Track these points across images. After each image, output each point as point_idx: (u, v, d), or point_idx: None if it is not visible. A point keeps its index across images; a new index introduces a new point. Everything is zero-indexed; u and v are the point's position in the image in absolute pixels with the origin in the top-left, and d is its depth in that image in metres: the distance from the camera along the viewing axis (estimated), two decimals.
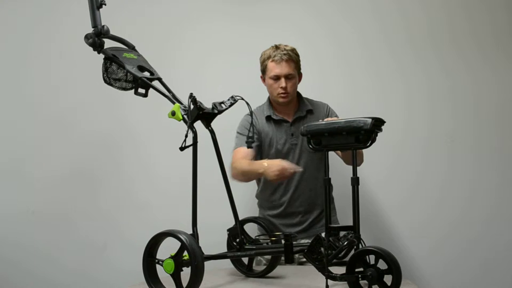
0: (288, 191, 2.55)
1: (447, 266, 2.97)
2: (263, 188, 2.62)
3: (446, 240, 2.98)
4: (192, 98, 1.93)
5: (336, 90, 3.06)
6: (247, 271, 2.21)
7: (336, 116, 2.59)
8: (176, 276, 1.80)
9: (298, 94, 2.67)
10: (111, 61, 2.10)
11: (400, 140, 2.99)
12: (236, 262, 2.25)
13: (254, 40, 2.90)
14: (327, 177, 1.87)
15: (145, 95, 2.10)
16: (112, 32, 2.15)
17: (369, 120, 1.76)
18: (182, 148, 1.89)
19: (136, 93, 2.09)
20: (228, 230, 2.15)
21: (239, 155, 2.49)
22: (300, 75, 2.62)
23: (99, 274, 3.04)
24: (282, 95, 2.52)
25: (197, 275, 1.73)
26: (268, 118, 2.58)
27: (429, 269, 2.98)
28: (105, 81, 2.13)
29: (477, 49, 3.04)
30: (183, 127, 1.95)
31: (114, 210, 3.07)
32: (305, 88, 2.96)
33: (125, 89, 2.14)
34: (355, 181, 1.80)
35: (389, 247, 1.69)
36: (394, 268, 1.60)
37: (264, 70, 2.58)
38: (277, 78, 2.51)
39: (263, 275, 2.16)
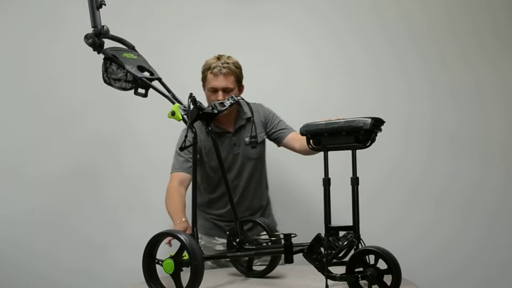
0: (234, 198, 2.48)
1: (449, 267, 2.97)
2: (206, 197, 2.64)
3: (447, 241, 2.97)
4: (192, 98, 1.93)
5: (337, 90, 3.06)
6: (247, 271, 2.21)
7: (274, 116, 2.63)
8: (176, 276, 1.80)
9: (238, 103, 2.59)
10: (111, 61, 2.09)
11: (402, 139, 3.00)
12: (236, 262, 2.25)
13: (255, 40, 2.90)
14: (326, 177, 1.87)
15: (145, 95, 2.10)
16: (112, 32, 2.14)
17: (369, 120, 1.76)
18: (182, 148, 1.89)
19: (136, 93, 2.09)
20: (228, 230, 2.15)
21: (176, 181, 2.49)
22: (241, 88, 2.59)
23: (99, 273, 3.05)
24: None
25: (197, 275, 1.73)
26: (209, 132, 2.49)
27: (430, 269, 2.98)
28: (105, 81, 2.13)
29: (479, 49, 3.04)
30: (183, 127, 1.95)
31: (114, 210, 3.08)
32: (307, 88, 2.96)
33: (124, 89, 2.13)
34: (354, 181, 1.80)
35: (390, 247, 1.69)
36: (394, 268, 1.60)
37: (203, 80, 2.55)
38: (214, 90, 2.48)
39: (263, 275, 2.16)
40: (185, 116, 1.97)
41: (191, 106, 1.95)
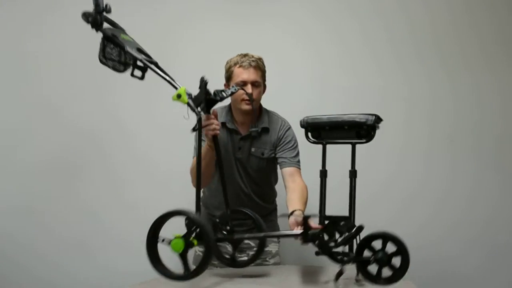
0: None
1: (449, 266, 3.06)
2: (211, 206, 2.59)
3: (447, 240, 3.06)
4: (204, 82, 1.93)
5: (337, 88, 3.09)
6: (231, 262, 2.17)
7: (290, 141, 2.49)
8: (184, 256, 1.77)
9: (260, 106, 2.57)
10: (111, 41, 2.04)
11: (402, 139, 3.06)
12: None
13: (256, 39, 2.92)
14: (323, 169, 1.93)
15: (142, 77, 2.07)
16: None
17: (372, 116, 1.87)
18: (194, 129, 1.90)
19: (133, 75, 2.05)
20: (218, 217, 2.13)
21: None
22: (264, 87, 2.54)
23: (97, 273, 3.05)
24: (247, 101, 2.41)
25: (209, 254, 1.71)
26: (223, 125, 2.47)
27: (430, 269, 3.05)
28: (101, 61, 2.07)
29: (480, 50, 3.11)
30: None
31: (111, 210, 3.07)
32: (307, 88, 3.01)
33: (118, 70, 2.08)
34: (352, 174, 1.89)
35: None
36: (402, 248, 1.69)
37: (229, 77, 2.47)
38: (243, 84, 2.41)
39: (247, 265, 2.16)
40: (190, 100, 1.96)
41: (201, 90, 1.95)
